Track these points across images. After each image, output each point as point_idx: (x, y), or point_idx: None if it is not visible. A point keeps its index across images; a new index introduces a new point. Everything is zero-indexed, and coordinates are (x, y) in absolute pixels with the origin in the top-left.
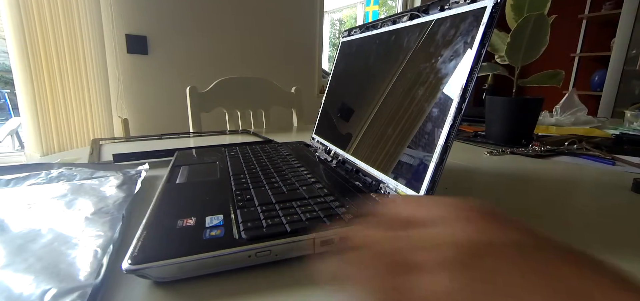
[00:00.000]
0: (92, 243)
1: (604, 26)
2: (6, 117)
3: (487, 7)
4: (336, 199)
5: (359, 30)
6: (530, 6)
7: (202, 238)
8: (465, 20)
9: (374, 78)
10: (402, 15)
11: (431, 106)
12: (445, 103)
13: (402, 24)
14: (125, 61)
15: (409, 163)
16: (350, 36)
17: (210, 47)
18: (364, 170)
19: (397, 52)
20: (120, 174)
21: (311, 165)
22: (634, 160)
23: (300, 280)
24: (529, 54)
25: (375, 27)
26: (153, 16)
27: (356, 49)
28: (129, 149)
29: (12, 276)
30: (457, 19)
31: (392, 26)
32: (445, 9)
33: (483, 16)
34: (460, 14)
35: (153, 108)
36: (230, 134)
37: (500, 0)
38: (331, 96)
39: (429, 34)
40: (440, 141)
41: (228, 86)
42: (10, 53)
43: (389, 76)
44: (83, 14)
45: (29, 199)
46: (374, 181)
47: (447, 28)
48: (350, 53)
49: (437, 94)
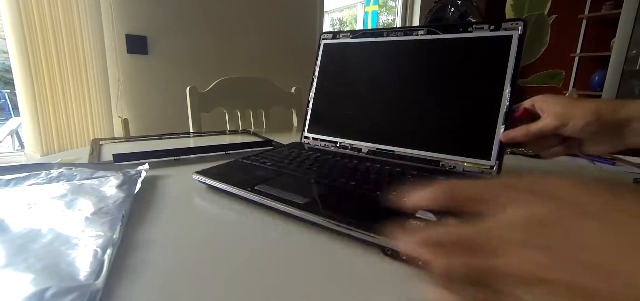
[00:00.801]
0: (92, 243)
1: (604, 26)
2: (6, 117)
3: (513, 36)
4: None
5: (352, 36)
6: (530, 6)
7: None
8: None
9: (405, 80)
10: (418, 29)
11: (482, 97)
12: (496, 92)
13: (430, 36)
14: (125, 61)
15: (471, 139)
16: (336, 39)
17: (210, 47)
18: (410, 155)
19: (432, 58)
20: (120, 174)
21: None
22: (634, 160)
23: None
24: (529, 54)
25: (381, 35)
26: (153, 16)
27: (361, 53)
28: (129, 149)
29: (13, 275)
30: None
31: (414, 37)
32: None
33: (513, 41)
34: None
35: (153, 108)
36: (230, 134)
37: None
38: (332, 97)
39: (469, 47)
40: (500, 115)
41: (228, 86)
42: (10, 53)
43: (430, 78)
44: (83, 14)
45: (29, 199)
46: (431, 162)
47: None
48: (348, 56)
49: (485, 87)
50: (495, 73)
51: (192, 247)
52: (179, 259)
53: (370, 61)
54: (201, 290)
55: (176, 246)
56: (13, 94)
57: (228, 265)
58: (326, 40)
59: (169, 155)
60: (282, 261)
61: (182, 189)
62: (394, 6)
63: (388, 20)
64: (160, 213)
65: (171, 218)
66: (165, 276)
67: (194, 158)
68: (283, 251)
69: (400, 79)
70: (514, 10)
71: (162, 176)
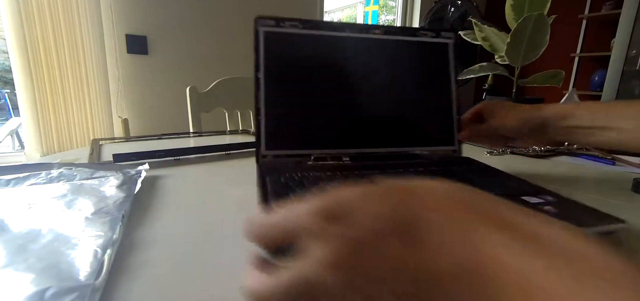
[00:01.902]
0: (92, 243)
1: (604, 26)
2: (6, 117)
3: (449, 44)
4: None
5: (302, 26)
6: (530, 6)
7: None
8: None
9: (368, 79)
10: (375, 28)
11: (432, 95)
12: (444, 89)
13: (386, 36)
14: (125, 61)
15: (435, 132)
16: (281, 28)
17: (210, 47)
18: (390, 153)
19: (390, 57)
20: (120, 174)
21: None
22: (634, 160)
23: None
24: (529, 54)
25: (338, 29)
26: (153, 16)
27: (317, 48)
28: (129, 149)
29: (13, 275)
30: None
31: (373, 35)
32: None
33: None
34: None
35: (153, 108)
36: (230, 134)
37: (457, 41)
38: (291, 100)
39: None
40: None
41: (228, 86)
42: (10, 53)
43: (390, 77)
44: (83, 14)
45: (29, 199)
46: (409, 156)
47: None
48: (302, 51)
49: (433, 85)
50: (444, 73)
51: (192, 247)
52: (179, 259)
53: (331, 57)
54: (201, 290)
55: (176, 246)
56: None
57: (228, 265)
58: (267, 29)
59: (169, 155)
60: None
61: (182, 189)
62: (394, 6)
63: (388, 20)
64: (160, 213)
65: (171, 218)
66: (165, 276)
67: (194, 158)
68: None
69: (366, 78)
70: (514, 11)
71: (162, 176)
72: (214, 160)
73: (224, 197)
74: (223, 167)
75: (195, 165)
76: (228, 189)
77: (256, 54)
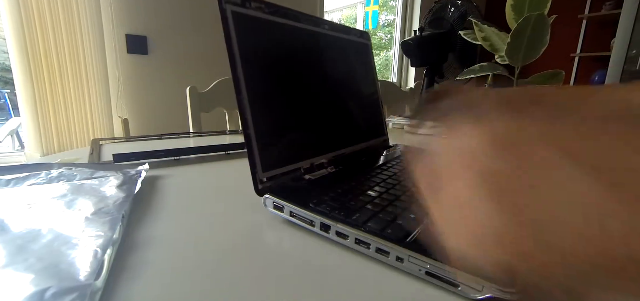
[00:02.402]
0: (92, 243)
1: (604, 26)
2: (6, 117)
3: (368, 45)
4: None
5: (268, 10)
6: (530, 6)
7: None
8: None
9: (324, 75)
10: (324, 22)
11: (370, 91)
12: (375, 85)
13: (331, 32)
14: (125, 61)
15: (374, 124)
16: (247, 9)
17: (211, 47)
18: (357, 151)
19: (337, 55)
20: (120, 174)
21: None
22: None
23: None
24: (529, 54)
25: (297, 19)
26: (153, 16)
27: (282, 35)
28: (129, 149)
29: (13, 275)
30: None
31: (319, 28)
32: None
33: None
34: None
35: (153, 108)
36: (230, 134)
37: (369, 42)
38: (278, 104)
39: (354, 46)
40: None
41: (228, 86)
42: (10, 53)
43: (338, 73)
44: (83, 14)
45: (29, 199)
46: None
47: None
48: (274, 40)
49: (370, 83)
50: (371, 69)
51: (192, 247)
52: (179, 259)
53: (301, 53)
54: (201, 290)
55: (176, 246)
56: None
57: (228, 265)
58: (235, 9)
59: (169, 155)
60: (282, 259)
61: (182, 189)
62: (394, 6)
63: (388, 20)
64: (160, 213)
65: (171, 218)
66: (165, 276)
67: (194, 158)
68: (284, 250)
69: (328, 76)
70: (514, 11)
71: (162, 176)
72: (214, 160)
73: (224, 197)
74: (223, 167)
75: (195, 165)
76: (228, 189)
77: (228, 42)
